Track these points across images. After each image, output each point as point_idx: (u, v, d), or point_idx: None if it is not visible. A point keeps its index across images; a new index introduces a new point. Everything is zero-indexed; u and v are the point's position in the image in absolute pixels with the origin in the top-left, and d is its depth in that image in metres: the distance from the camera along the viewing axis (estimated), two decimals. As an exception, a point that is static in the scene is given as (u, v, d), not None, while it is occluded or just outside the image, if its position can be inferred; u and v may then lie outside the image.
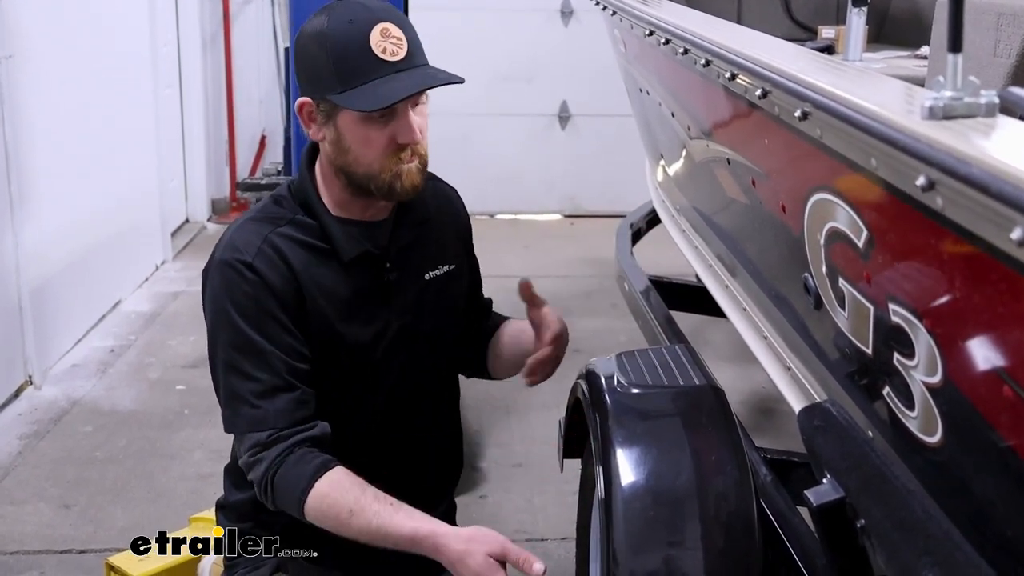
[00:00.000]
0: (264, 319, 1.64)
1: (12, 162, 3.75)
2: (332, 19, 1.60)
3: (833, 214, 1.39)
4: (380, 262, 1.73)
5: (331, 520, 1.60)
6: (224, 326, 1.65)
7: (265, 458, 1.62)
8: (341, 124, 1.63)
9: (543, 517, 3.13)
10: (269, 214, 1.71)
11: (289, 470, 1.61)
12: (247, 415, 1.64)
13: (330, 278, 1.69)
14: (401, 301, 1.75)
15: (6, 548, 2.92)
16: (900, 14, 3.80)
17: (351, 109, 1.59)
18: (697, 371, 1.85)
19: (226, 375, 1.67)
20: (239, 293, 1.64)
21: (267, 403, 1.63)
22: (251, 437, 1.64)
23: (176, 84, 5.98)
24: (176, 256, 5.66)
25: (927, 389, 1.19)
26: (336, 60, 1.59)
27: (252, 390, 1.63)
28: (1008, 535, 1.09)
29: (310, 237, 1.69)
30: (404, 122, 1.61)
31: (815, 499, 1.43)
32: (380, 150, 1.62)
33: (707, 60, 1.94)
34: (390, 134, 1.62)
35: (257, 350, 1.63)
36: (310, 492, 1.59)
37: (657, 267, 3.61)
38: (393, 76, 1.58)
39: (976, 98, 1.07)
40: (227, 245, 1.68)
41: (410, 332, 1.76)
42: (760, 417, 3.71)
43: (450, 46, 6.58)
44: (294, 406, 1.64)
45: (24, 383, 3.92)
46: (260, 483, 1.63)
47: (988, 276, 0.99)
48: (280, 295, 1.65)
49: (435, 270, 1.80)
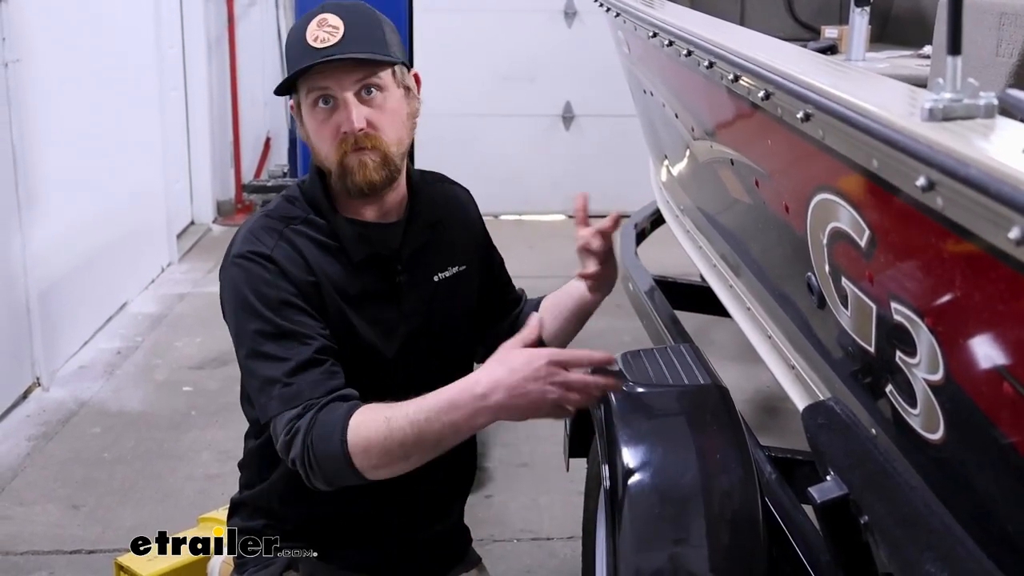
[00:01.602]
0: (286, 306, 1.64)
1: (20, 165, 3.76)
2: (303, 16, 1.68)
3: (835, 214, 1.40)
4: (391, 264, 1.74)
5: (374, 438, 1.49)
6: (248, 317, 1.64)
7: (301, 426, 1.55)
8: (304, 117, 1.68)
9: (549, 516, 3.14)
10: (283, 213, 1.72)
11: (322, 424, 1.54)
12: (280, 395, 1.59)
13: (342, 275, 1.70)
14: (411, 303, 1.76)
15: (16, 549, 2.94)
16: (903, 13, 3.80)
17: (279, 93, 1.69)
18: (702, 370, 1.86)
19: (256, 363, 1.63)
20: (260, 282, 1.64)
21: (299, 378, 1.60)
22: (286, 415, 1.58)
23: (181, 86, 5.99)
24: (182, 258, 5.67)
25: (929, 387, 1.20)
26: (286, 53, 1.70)
27: (284, 370, 1.60)
28: (1010, 531, 1.11)
29: (322, 235, 1.70)
30: (343, 111, 1.63)
31: (819, 496, 1.43)
32: (328, 140, 1.65)
33: (710, 62, 1.95)
34: (334, 123, 1.64)
35: (284, 334, 1.62)
36: (347, 429, 1.52)
37: (661, 267, 3.62)
38: (306, 63, 1.61)
39: (975, 100, 1.08)
40: (244, 239, 1.69)
41: (419, 334, 1.77)
42: (764, 415, 3.72)
43: (454, 47, 6.67)
44: (325, 377, 1.61)
45: (32, 385, 3.94)
46: (302, 452, 1.54)
47: (988, 275, 1.01)
48: (299, 284, 1.65)
49: (444, 272, 1.80)
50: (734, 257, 2.38)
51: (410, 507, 1.82)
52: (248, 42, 6.50)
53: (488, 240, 1.96)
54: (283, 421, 1.58)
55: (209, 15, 6.19)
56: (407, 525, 1.83)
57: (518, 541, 3.02)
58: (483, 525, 3.04)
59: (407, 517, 1.82)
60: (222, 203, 6.47)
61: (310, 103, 1.65)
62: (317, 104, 1.64)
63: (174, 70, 5.86)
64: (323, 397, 1.57)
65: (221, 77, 6.36)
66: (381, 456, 1.50)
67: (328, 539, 1.80)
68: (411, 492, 1.77)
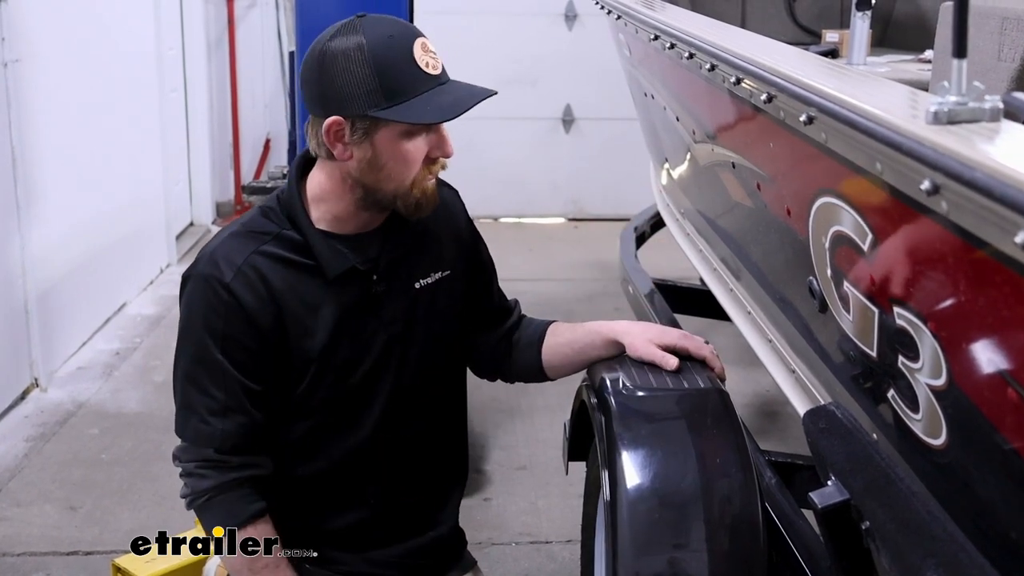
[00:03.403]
0: (230, 341, 1.65)
1: (18, 165, 3.76)
2: (369, 34, 1.56)
3: (838, 218, 1.40)
4: (367, 276, 1.71)
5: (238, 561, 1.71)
6: (191, 337, 1.69)
7: (210, 477, 1.69)
8: (379, 140, 1.59)
9: (547, 520, 3.13)
10: (255, 228, 1.69)
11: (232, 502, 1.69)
12: (196, 428, 1.70)
13: (315, 295, 1.67)
14: (390, 312, 1.73)
15: (13, 550, 2.93)
16: (904, 18, 3.80)
17: (410, 123, 1.58)
18: (702, 374, 1.86)
19: (184, 384, 1.72)
20: (210, 310, 1.65)
21: (218, 421, 1.67)
22: (198, 450, 1.70)
23: (181, 88, 5.99)
24: (181, 259, 5.66)
25: (931, 392, 1.20)
26: (381, 75, 1.55)
27: (206, 405, 1.67)
28: (1012, 537, 1.10)
29: (294, 254, 1.67)
30: (442, 136, 1.64)
31: (820, 501, 1.43)
32: (419, 165, 1.63)
33: (712, 64, 1.94)
34: (427, 149, 1.62)
35: (218, 368, 1.65)
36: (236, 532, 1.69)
37: (661, 270, 3.62)
38: (437, 89, 1.60)
39: (980, 103, 1.08)
40: (209, 259, 1.66)
41: (400, 341, 1.74)
42: (765, 420, 3.71)
43: (455, 50, 6.57)
44: (243, 431, 1.68)
45: (30, 386, 3.93)
46: (196, 495, 1.70)
47: (992, 279, 1.00)
48: (254, 319, 1.64)
49: (427, 278, 1.77)
50: (735, 261, 2.37)
51: (404, 512, 1.81)
52: (248, 44, 6.50)
53: (476, 241, 1.91)
54: (193, 453, 1.71)
55: (209, 16, 6.19)
56: (402, 529, 1.83)
57: (517, 544, 3.01)
58: (482, 528, 3.04)
59: (402, 522, 1.82)
60: (221, 204, 6.46)
61: (408, 129, 1.59)
62: (416, 130, 1.60)
63: (174, 71, 5.85)
64: (238, 457, 1.69)
65: (221, 78, 6.36)
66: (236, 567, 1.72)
67: (322, 542, 1.79)
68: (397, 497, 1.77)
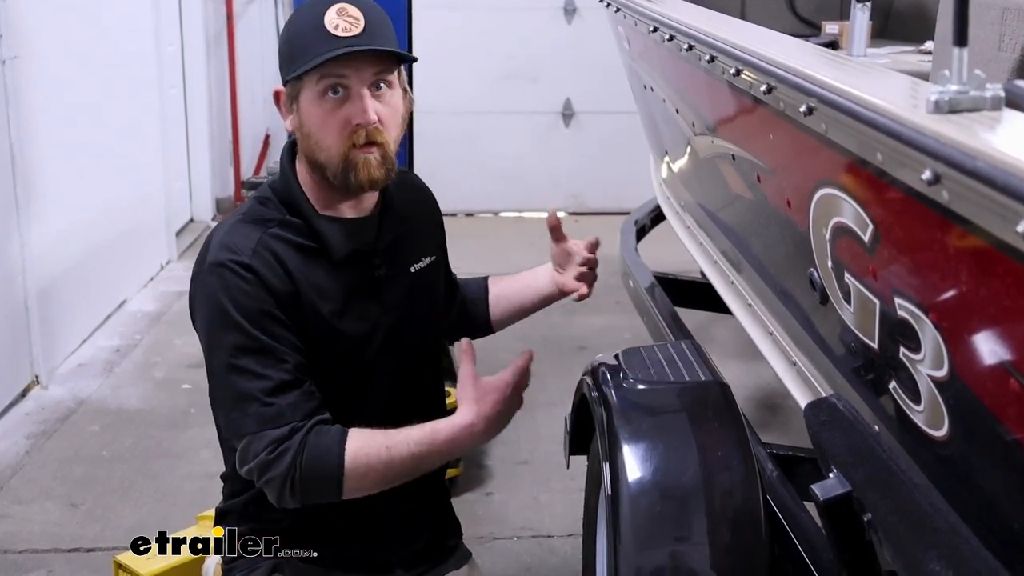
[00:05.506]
0: (266, 318, 1.62)
1: (18, 163, 3.75)
2: (300, 7, 1.65)
3: (839, 209, 1.39)
4: (369, 259, 1.73)
5: (375, 464, 1.59)
6: (226, 328, 1.63)
7: (289, 448, 1.58)
8: (303, 106, 1.63)
9: (549, 514, 3.13)
10: (257, 215, 1.69)
11: (315, 447, 1.59)
12: (259, 414, 1.61)
13: (322, 277, 1.68)
14: (391, 296, 1.76)
15: (14, 547, 2.93)
16: (904, 9, 3.79)
17: (291, 79, 1.61)
18: (703, 367, 1.86)
19: (232, 377, 1.63)
20: (239, 293, 1.62)
21: (280, 399, 1.60)
22: (267, 435, 1.60)
23: (180, 84, 5.99)
24: (181, 256, 5.66)
25: (933, 383, 1.19)
26: (292, 40, 1.62)
27: (263, 388, 1.60)
28: (1014, 528, 1.10)
29: (300, 237, 1.68)
30: (358, 103, 1.60)
31: (822, 494, 1.43)
32: (336, 131, 1.61)
33: (712, 56, 1.94)
34: (345, 115, 1.60)
35: (264, 348, 1.61)
36: (344, 454, 1.58)
37: (662, 264, 3.61)
38: (339, 48, 1.57)
39: (982, 92, 1.07)
40: (220, 247, 1.65)
41: (402, 325, 1.77)
42: (766, 413, 3.71)
43: (454, 44, 6.66)
44: (305, 398, 1.63)
45: (31, 383, 3.93)
46: (287, 474, 1.58)
47: (994, 269, 0.99)
48: (278, 295, 1.63)
49: (419, 263, 1.81)
50: (735, 253, 2.37)
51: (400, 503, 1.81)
52: (247, 40, 6.49)
53: (442, 225, 1.98)
54: (264, 440, 1.60)
55: (208, 13, 6.18)
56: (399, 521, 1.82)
57: (518, 539, 3.01)
58: (484, 523, 3.04)
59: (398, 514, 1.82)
60: (221, 200, 6.46)
61: (318, 91, 1.60)
62: (326, 94, 1.60)
63: (173, 68, 5.85)
64: (305, 420, 1.61)
65: (220, 75, 6.35)
66: (377, 481, 1.61)
67: (321, 539, 1.79)
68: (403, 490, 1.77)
